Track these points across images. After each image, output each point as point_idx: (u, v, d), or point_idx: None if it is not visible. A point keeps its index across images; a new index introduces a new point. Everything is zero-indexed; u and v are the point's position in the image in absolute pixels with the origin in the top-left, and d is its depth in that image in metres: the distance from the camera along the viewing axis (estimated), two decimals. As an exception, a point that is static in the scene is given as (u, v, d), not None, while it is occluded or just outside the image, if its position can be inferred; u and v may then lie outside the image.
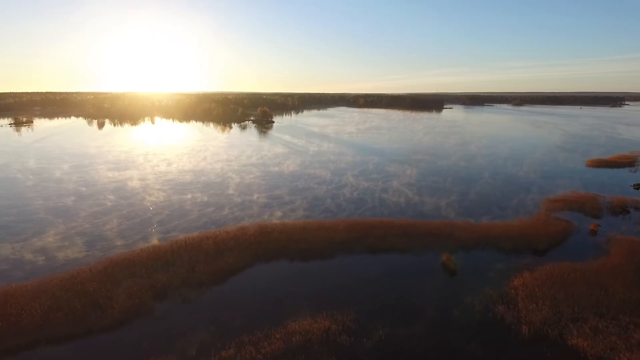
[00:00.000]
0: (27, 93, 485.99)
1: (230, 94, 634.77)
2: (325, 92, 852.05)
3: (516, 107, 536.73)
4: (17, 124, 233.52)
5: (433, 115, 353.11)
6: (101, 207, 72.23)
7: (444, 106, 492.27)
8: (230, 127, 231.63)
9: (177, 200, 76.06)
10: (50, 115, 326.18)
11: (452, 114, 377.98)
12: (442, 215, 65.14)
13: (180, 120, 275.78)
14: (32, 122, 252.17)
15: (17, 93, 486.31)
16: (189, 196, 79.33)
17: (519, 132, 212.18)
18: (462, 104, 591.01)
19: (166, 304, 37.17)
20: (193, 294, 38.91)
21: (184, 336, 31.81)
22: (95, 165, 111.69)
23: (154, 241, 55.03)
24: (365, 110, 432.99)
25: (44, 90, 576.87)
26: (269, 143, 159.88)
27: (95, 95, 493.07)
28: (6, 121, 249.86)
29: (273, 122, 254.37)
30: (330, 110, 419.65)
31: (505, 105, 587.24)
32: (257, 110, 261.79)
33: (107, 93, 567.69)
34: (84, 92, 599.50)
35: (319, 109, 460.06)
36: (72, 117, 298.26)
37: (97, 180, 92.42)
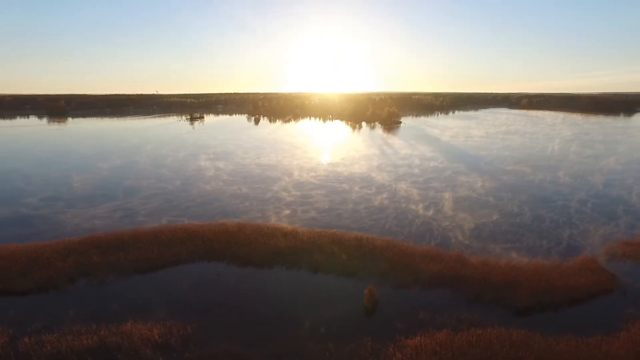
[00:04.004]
0: (215, 94, 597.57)
1: (385, 93, 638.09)
2: (489, 92, 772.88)
3: None
4: (192, 119, 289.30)
5: (608, 120, 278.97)
6: (161, 190, 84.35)
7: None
8: (360, 127, 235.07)
9: (221, 191, 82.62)
10: (226, 112, 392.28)
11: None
12: (448, 238, 53.19)
13: (319, 118, 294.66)
14: (204, 117, 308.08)
15: (209, 94, 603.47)
16: (234, 187, 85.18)
17: None
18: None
19: (73, 283, 41.04)
20: (104, 278, 41.87)
21: (44, 314, 34.45)
22: (201, 154, 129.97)
23: (157, 223, 61.71)
24: (525, 112, 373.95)
25: (240, 92, 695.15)
26: (368, 143, 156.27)
27: (265, 95, 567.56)
28: (185, 117, 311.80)
29: (400, 122, 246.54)
30: (481, 112, 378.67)
31: None
32: (383, 111, 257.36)
33: (277, 93, 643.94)
34: (262, 93, 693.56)
35: (469, 110, 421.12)
36: (238, 115, 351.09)
37: (186, 168, 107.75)
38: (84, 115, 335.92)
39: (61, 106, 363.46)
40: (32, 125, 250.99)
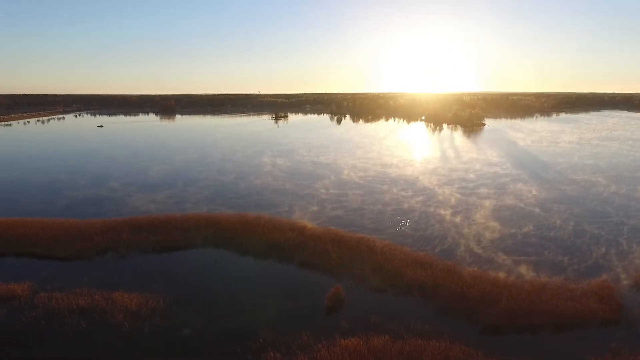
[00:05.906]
0: (306, 94, 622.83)
1: (483, 94, 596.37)
2: (607, 92, 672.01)
3: None
4: (276, 118, 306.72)
5: None
6: (216, 182, 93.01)
7: None
8: (439, 128, 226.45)
9: (266, 185, 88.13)
10: (314, 112, 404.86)
11: None
12: (458, 246, 50.64)
13: (400, 119, 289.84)
14: (287, 116, 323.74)
15: (300, 94, 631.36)
16: (279, 183, 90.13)
17: None
18: None
19: (101, 255, 48.73)
20: (126, 253, 49.14)
21: (67, 277, 42.15)
22: (267, 151, 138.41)
23: (198, 211, 68.83)
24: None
25: (331, 92, 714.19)
26: (436, 146, 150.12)
27: (353, 95, 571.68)
28: (271, 115, 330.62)
29: (484, 125, 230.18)
30: (589, 115, 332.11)
31: None
32: (466, 112, 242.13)
33: (366, 94, 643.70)
34: (350, 93, 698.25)
35: (578, 112, 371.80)
36: (323, 114, 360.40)
37: (248, 163, 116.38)
38: (189, 113, 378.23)
39: (171, 105, 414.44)
40: (146, 121, 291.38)
